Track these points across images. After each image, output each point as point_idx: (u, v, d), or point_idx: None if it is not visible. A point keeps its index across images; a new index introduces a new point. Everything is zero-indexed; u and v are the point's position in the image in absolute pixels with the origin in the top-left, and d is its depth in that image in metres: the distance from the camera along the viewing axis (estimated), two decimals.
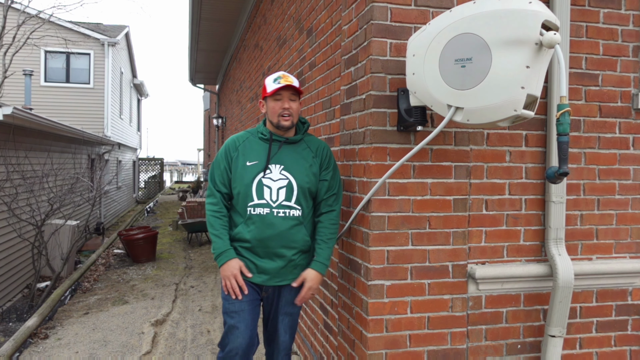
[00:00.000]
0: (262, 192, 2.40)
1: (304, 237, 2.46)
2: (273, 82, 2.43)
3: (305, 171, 2.45)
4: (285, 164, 2.44)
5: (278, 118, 2.43)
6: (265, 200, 2.40)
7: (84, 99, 14.03)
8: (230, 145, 2.53)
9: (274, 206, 2.40)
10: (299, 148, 2.50)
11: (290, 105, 2.42)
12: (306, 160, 2.47)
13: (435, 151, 2.38)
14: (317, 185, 2.49)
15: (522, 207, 2.51)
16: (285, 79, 2.42)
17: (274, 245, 2.41)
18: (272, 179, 2.42)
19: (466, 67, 1.93)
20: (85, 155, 10.43)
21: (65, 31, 13.52)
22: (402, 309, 2.37)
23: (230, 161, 2.49)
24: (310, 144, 2.53)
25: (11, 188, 6.04)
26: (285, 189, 2.41)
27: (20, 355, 4.29)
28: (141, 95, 22.19)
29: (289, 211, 2.41)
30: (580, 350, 2.60)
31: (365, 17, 2.38)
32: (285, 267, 2.46)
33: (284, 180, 2.42)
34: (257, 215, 2.40)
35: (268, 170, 2.42)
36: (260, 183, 2.41)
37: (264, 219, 2.40)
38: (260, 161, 2.44)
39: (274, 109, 2.44)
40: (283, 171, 2.43)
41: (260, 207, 2.40)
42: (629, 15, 2.59)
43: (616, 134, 2.61)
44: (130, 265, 8.05)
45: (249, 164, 2.44)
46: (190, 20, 7.92)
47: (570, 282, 2.41)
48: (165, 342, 4.51)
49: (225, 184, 2.50)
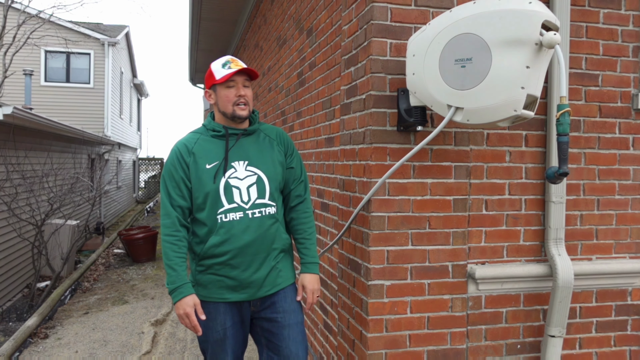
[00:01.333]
0: (231, 194, 2.12)
1: (283, 234, 2.24)
2: (222, 68, 2.14)
3: (273, 162, 2.22)
4: (250, 158, 2.19)
5: (233, 107, 2.15)
6: (237, 203, 2.12)
7: (84, 99, 14.03)
8: (181, 150, 2.18)
9: (247, 207, 2.13)
10: (259, 138, 2.26)
11: (245, 92, 2.17)
12: (270, 150, 2.24)
13: (435, 151, 2.38)
14: (284, 175, 2.27)
15: (522, 207, 2.52)
16: (236, 64, 2.15)
17: (255, 252, 2.14)
18: (239, 178, 2.15)
19: (466, 67, 1.93)
20: (85, 155, 10.43)
21: (65, 31, 13.52)
22: (402, 309, 2.37)
23: (187, 168, 2.15)
24: (268, 132, 2.30)
25: (11, 188, 6.04)
26: (255, 186, 2.16)
27: (20, 354, 4.29)
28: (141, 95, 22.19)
29: (265, 209, 2.17)
30: (580, 351, 2.60)
31: (366, 17, 2.38)
32: (271, 273, 2.20)
33: (252, 177, 2.16)
34: (229, 222, 2.11)
35: (232, 169, 2.14)
36: (227, 185, 2.12)
37: (239, 225, 2.11)
38: (220, 161, 2.15)
39: (227, 98, 2.15)
40: (249, 167, 2.17)
41: (232, 212, 2.11)
42: (629, 15, 2.59)
43: (616, 134, 2.61)
44: (130, 265, 8.04)
45: (208, 166, 2.14)
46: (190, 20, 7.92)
47: (570, 282, 2.41)
48: (165, 342, 4.51)
49: (184, 197, 2.16)
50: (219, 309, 2.18)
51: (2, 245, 5.96)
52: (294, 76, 4.11)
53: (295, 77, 4.09)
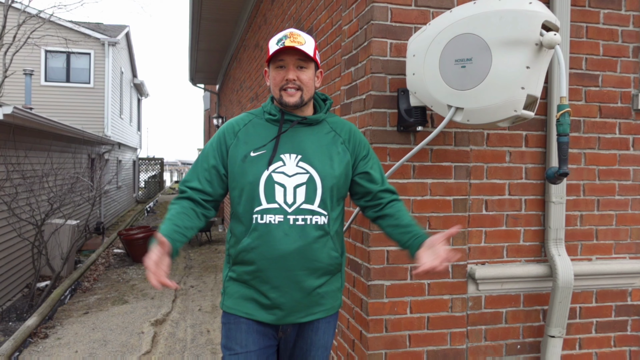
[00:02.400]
0: (272, 192, 1.74)
1: (331, 252, 1.79)
2: (276, 44, 1.76)
3: (333, 161, 1.79)
4: (304, 153, 1.78)
5: (280, 93, 1.78)
6: (278, 203, 1.73)
7: (84, 99, 14.03)
8: (226, 130, 1.86)
9: (290, 211, 1.73)
10: (322, 131, 1.84)
11: (297, 74, 1.76)
12: (333, 147, 1.82)
13: (435, 151, 2.38)
14: (348, 182, 1.86)
15: (522, 208, 2.52)
16: (292, 39, 1.74)
17: (291, 266, 1.73)
18: (287, 174, 1.75)
19: (466, 67, 1.93)
20: (86, 155, 10.43)
21: (65, 31, 13.52)
22: (402, 309, 2.37)
23: (226, 153, 1.82)
24: (336, 127, 1.87)
25: (11, 187, 6.04)
26: (305, 187, 1.75)
27: (20, 354, 4.29)
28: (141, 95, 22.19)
29: (311, 218, 1.75)
30: (579, 351, 2.60)
31: (366, 18, 2.38)
32: (308, 298, 1.78)
33: (303, 175, 1.76)
34: (265, 225, 1.73)
35: (279, 162, 1.76)
36: (270, 180, 1.74)
37: (276, 230, 1.72)
38: (269, 150, 1.78)
39: (274, 80, 1.80)
40: (301, 162, 1.77)
41: (270, 213, 1.73)
42: (629, 15, 2.59)
43: (616, 134, 2.61)
44: (130, 265, 8.04)
45: (253, 154, 1.77)
46: (191, 20, 7.92)
47: (569, 282, 2.41)
48: (165, 342, 4.51)
49: (210, 181, 1.84)
50: (241, 327, 1.81)
51: (2, 245, 5.96)
52: None
53: None
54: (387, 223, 1.85)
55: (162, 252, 1.60)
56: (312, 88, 1.81)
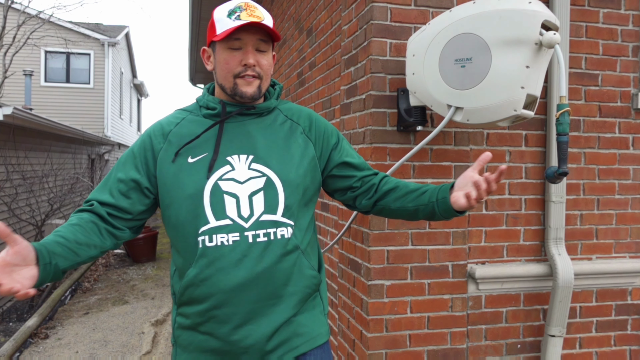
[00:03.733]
0: (222, 205, 1.36)
1: (305, 271, 1.43)
2: (228, 17, 1.37)
3: (293, 157, 1.45)
4: (257, 151, 1.42)
5: (235, 81, 1.41)
6: (231, 218, 1.36)
7: (84, 99, 14.04)
8: (153, 133, 1.46)
9: (248, 226, 1.36)
10: (275, 122, 1.49)
11: (257, 59, 1.40)
12: (291, 139, 1.48)
13: (435, 151, 2.39)
14: (317, 181, 1.51)
15: (521, 207, 2.52)
16: (249, 11, 1.38)
17: (255, 297, 1.36)
18: (238, 180, 1.39)
19: (466, 67, 1.93)
20: (86, 155, 10.44)
21: (65, 31, 13.53)
22: (402, 308, 2.37)
23: (153, 162, 1.43)
24: (292, 114, 1.53)
25: (11, 188, 6.04)
26: (262, 194, 1.39)
27: (21, 355, 4.29)
28: (141, 95, 22.20)
29: (275, 231, 1.38)
30: (580, 350, 2.60)
31: (365, 17, 2.38)
32: (283, 329, 1.40)
33: (258, 179, 1.40)
34: (215, 248, 1.34)
35: (226, 167, 1.39)
36: (217, 190, 1.37)
37: (231, 253, 1.34)
38: (211, 152, 1.41)
39: (226, 65, 1.40)
40: (254, 164, 1.41)
41: (221, 232, 1.35)
42: (628, 15, 2.59)
43: (616, 133, 2.61)
44: (131, 265, 8.05)
45: (191, 160, 1.40)
46: (190, 20, 7.92)
47: (570, 281, 2.41)
48: (165, 342, 4.51)
49: (126, 195, 1.42)
50: None
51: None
52: (294, 76, 4.11)
53: (295, 77, 4.09)
54: (395, 197, 1.50)
55: (14, 254, 1.14)
56: (270, 75, 1.48)
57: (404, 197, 1.49)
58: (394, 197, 1.51)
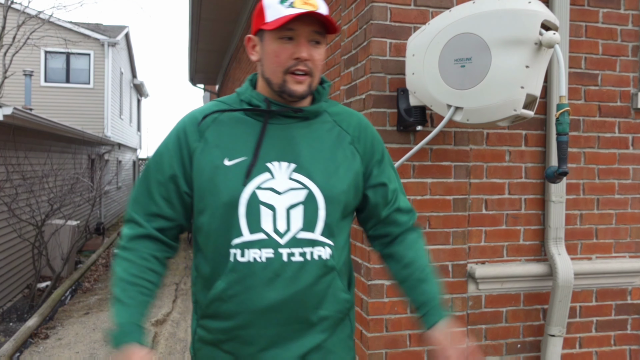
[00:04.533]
0: (257, 217, 1.25)
1: (339, 294, 1.33)
2: (280, 4, 1.22)
3: (339, 170, 1.31)
4: (300, 159, 1.28)
5: (284, 77, 1.24)
6: (265, 232, 1.25)
7: (84, 99, 14.04)
8: (188, 126, 1.32)
9: (283, 243, 1.25)
10: (322, 127, 1.34)
11: (311, 53, 1.24)
12: (339, 149, 1.33)
13: (435, 151, 2.39)
14: (359, 198, 1.38)
15: (521, 207, 2.52)
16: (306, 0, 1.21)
17: (285, 320, 1.27)
18: (277, 191, 1.26)
19: (466, 67, 1.93)
20: (86, 156, 10.44)
21: (65, 31, 13.53)
22: (402, 308, 2.37)
23: (189, 161, 1.29)
24: (340, 120, 1.38)
25: (11, 188, 6.04)
26: (302, 209, 1.27)
27: (21, 355, 4.29)
28: (141, 95, 22.20)
29: (312, 251, 1.27)
30: (580, 350, 2.60)
31: (365, 17, 2.38)
32: (311, 356, 1.31)
33: (299, 192, 1.27)
34: (247, 264, 1.24)
35: (266, 174, 1.26)
36: (254, 200, 1.25)
37: (264, 272, 1.24)
38: (250, 156, 1.27)
39: (276, 57, 1.24)
40: (296, 173, 1.27)
41: (255, 247, 1.24)
42: (628, 15, 2.59)
43: (615, 133, 2.61)
44: None
45: (229, 163, 1.26)
46: (190, 20, 7.92)
47: (569, 281, 2.41)
48: (165, 342, 4.51)
49: (172, 204, 1.31)
50: None
51: (3, 245, 5.96)
52: None
53: None
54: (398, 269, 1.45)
55: None
56: (320, 73, 1.31)
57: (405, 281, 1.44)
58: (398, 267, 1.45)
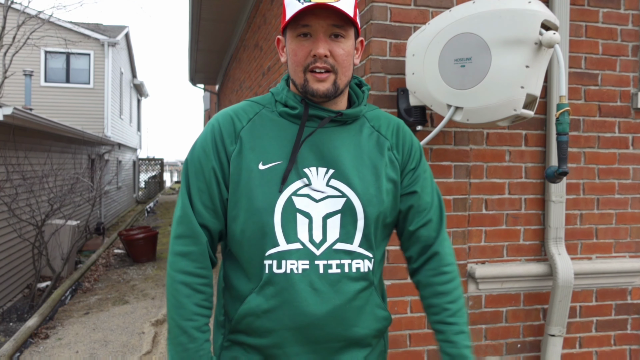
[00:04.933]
0: (294, 225, 1.17)
1: (377, 312, 1.25)
2: None
3: (379, 178, 1.23)
4: (339, 165, 1.21)
5: (304, 76, 1.18)
6: (301, 242, 1.17)
7: (84, 99, 14.04)
8: (224, 126, 1.23)
9: (319, 254, 1.17)
10: (362, 132, 1.26)
11: (331, 48, 1.15)
12: (379, 156, 1.25)
13: (435, 151, 2.39)
14: (397, 208, 1.29)
15: (521, 207, 2.52)
16: None
17: (322, 338, 1.18)
18: (313, 198, 1.19)
19: (466, 66, 1.93)
20: (86, 156, 10.44)
21: (65, 31, 13.53)
22: (402, 308, 2.37)
23: (227, 162, 1.21)
24: (379, 125, 1.30)
25: (11, 188, 6.04)
26: (339, 218, 1.19)
27: (21, 355, 4.29)
28: (141, 95, 22.20)
29: (350, 263, 1.19)
30: (580, 350, 2.60)
31: (365, 17, 2.38)
32: None
33: (336, 200, 1.19)
34: (284, 276, 1.15)
35: (302, 180, 1.19)
36: (289, 206, 1.17)
37: (301, 284, 1.15)
38: (286, 160, 1.19)
39: (296, 56, 1.18)
40: (334, 180, 1.20)
41: (291, 257, 1.16)
42: (628, 14, 2.59)
43: (615, 133, 2.61)
44: (131, 265, 8.05)
45: (263, 167, 1.19)
46: (190, 20, 7.92)
47: (569, 281, 2.41)
48: (165, 342, 4.51)
49: (216, 210, 1.22)
50: None
51: (3, 245, 5.96)
52: None
53: None
54: (423, 293, 1.33)
55: None
56: (351, 68, 1.21)
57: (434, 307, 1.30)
58: (425, 293, 1.31)
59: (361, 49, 1.27)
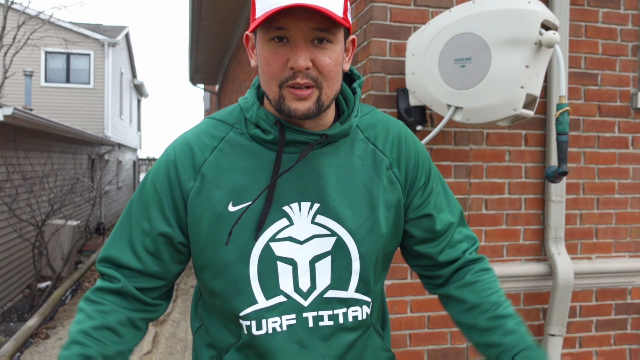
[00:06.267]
0: (274, 276, 0.97)
1: (380, 353, 1.09)
2: None
3: (376, 209, 1.01)
4: (325, 197, 0.99)
5: (280, 92, 0.91)
6: (284, 293, 0.97)
7: (84, 100, 14.04)
8: (179, 158, 0.99)
9: (307, 304, 0.98)
10: (352, 150, 1.02)
11: (315, 56, 0.89)
12: (375, 180, 1.02)
13: (435, 151, 2.39)
14: (400, 236, 1.08)
15: (521, 207, 2.52)
16: None
17: None
18: (296, 239, 0.98)
19: (465, 66, 1.94)
20: (86, 156, 10.45)
21: (65, 32, 13.54)
22: (402, 308, 2.37)
23: (183, 205, 0.99)
24: (375, 136, 1.05)
25: (11, 188, 6.04)
26: (330, 260, 0.99)
27: (21, 355, 4.30)
28: (141, 95, 22.21)
29: (345, 312, 1.00)
30: (580, 349, 2.61)
31: (365, 17, 2.38)
32: None
33: (324, 239, 0.99)
34: (265, 337, 0.97)
35: (283, 220, 0.97)
36: (267, 256, 0.97)
37: (286, 342, 0.98)
38: (261, 200, 0.97)
39: (269, 67, 0.91)
40: (321, 216, 0.98)
41: (273, 314, 0.97)
42: (627, 14, 2.59)
43: (615, 133, 2.61)
44: None
45: (234, 208, 0.96)
46: (190, 20, 7.93)
47: (569, 281, 2.41)
48: (165, 342, 4.52)
49: (156, 255, 1.00)
50: None
51: (3, 245, 5.97)
52: None
53: None
54: (456, 309, 1.14)
55: None
56: (339, 78, 0.94)
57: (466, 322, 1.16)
58: (455, 308, 1.14)
59: (352, 50, 0.99)
